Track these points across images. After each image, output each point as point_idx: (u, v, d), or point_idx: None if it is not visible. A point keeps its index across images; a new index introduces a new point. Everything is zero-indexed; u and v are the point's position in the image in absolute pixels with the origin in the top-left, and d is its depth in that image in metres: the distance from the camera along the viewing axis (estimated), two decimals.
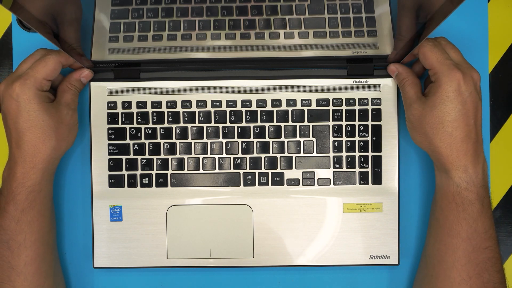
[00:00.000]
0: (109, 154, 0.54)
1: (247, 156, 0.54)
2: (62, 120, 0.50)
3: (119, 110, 0.54)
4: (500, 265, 0.47)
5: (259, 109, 0.54)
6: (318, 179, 0.54)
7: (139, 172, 0.54)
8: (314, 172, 0.54)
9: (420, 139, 0.50)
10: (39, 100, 0.48)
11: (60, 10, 0.48)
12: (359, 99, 0.54)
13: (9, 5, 0.40)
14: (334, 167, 0.54)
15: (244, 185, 0.54)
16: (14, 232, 0.48)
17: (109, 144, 0.54)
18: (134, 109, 0.54)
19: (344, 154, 0.54)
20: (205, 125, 0.54)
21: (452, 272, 0.47)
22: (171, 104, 0.54)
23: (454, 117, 0.46)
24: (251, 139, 0.54)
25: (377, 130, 0.54)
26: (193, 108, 0.54)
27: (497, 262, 0.47)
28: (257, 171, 0.54)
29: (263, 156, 0.54)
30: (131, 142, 0.54)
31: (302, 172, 0.54)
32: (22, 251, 0.48)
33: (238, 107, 0.54)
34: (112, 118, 0.54)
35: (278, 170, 0.54)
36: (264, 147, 0.54)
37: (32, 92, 0.48)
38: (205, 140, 0.54)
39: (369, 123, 0.54)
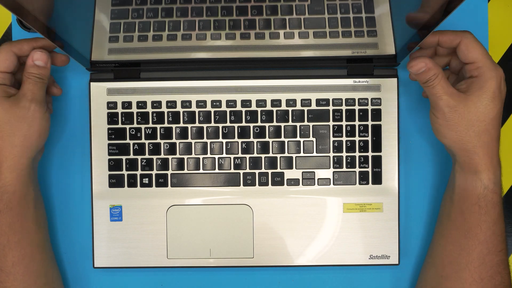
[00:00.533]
0: (109, 154, 0.54)
1: (247, 156, 0.54)
2: (22, 114, 0.46)
3: (119, 110, 0.54)
4: (509, 268, 0.47)
5: (259, 109, 0.54)
6: (318, 179, 0.54)
7: (139, 172, 0.54)
8: (314, 172, 0.54)
9: (453, 137, 0.46)
10: None
11: None
12: (359, 99, 0.54)
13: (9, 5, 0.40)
14: (334, 167, 0.54)
15: (244, 185, 0.54)
16: None
17: (109, 144, 0.54)
18: (134, 109, 0.54)
19: (344, 154, 0.54)
20: (205, 125, 0.54)
21: (464, 273, 0.46)
22: (171, 104, 0.54)
23: (494, 115, 0.45)
24: (251, 139, 0.54)
25: (377, 130, 0.54)
26: (193, 108, 0.54)
27: (508, 265, 0.47)
28: (257, 171, 0.54)
29: (263, 156, 0.54)
30: (131, 142, 0.54)
31: (302, 172, 0.54)
32: (8, 252, 0.47)
33: (238, 107, 0.54)
34: (112, 118, 0.54)
35: (278, 170, 0.54)
36: (264, 147, 0.54)
37: None
38: (205, 140, 0.54)
39: (369, 123, 0.54)
